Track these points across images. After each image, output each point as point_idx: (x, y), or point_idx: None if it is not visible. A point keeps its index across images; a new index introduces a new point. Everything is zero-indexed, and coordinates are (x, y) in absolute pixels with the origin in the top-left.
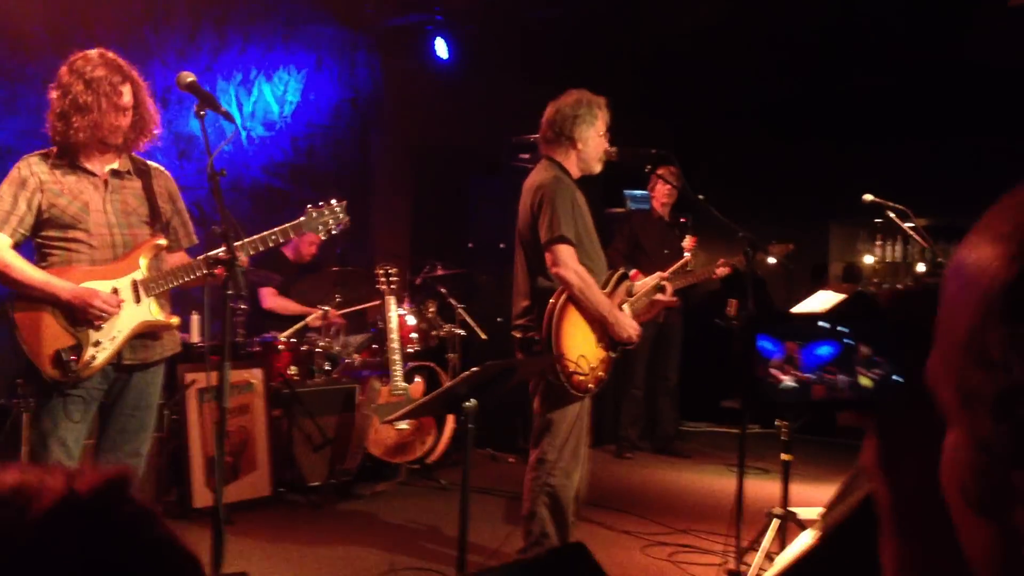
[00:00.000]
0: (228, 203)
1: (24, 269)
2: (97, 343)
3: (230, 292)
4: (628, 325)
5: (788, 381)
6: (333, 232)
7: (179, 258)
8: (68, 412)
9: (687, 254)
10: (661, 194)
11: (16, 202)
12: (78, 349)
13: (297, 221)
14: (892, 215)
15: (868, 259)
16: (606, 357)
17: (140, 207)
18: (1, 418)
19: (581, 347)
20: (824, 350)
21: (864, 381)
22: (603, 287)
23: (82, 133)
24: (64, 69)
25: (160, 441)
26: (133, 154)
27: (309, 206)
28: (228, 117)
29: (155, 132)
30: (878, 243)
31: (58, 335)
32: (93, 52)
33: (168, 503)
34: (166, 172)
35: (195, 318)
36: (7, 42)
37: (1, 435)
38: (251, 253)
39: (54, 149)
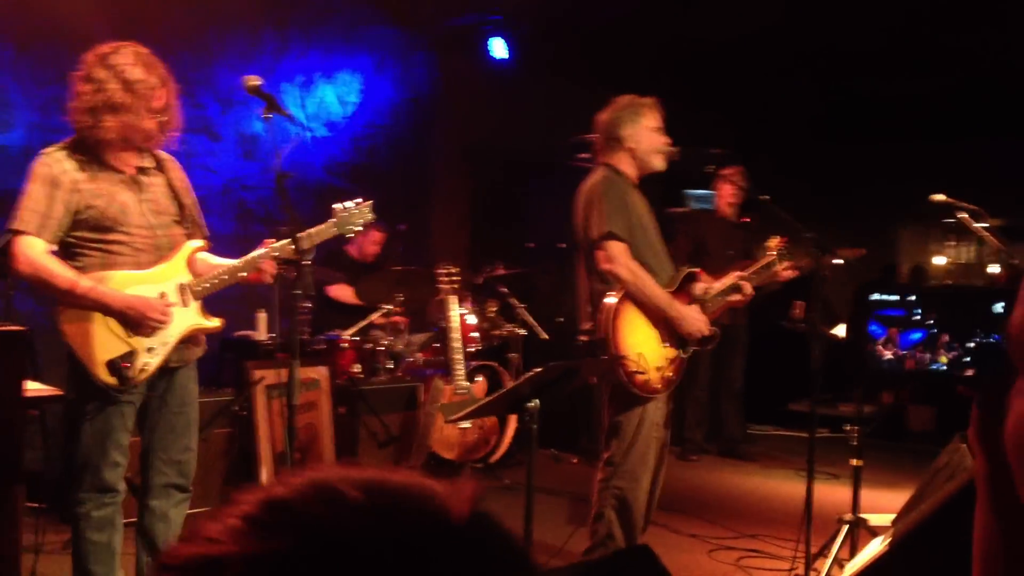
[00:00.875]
0: (292, 202)
1: (67, 276)
2: (150, 349)
3: (298, 292)
4: (696, 319)
5: (888, 356)
6: (358, 230)
7: (204, 259)
8: (123, 417)
9: (772, 253)
10: (727, 194)
11: (52, 204)
12: (132, 356)
13: (330, 221)
14: (963, 215)
15: (939, 260)
16: (675, 356)
17: (170, 206)
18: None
19: (641, 346)
20: (916, 335)
21: (942, 359)
22: (667, 286)
23: (112, 133)
24: (94, 60)
25: (229, 437)
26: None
27: (335, 205)
28: (292, 120)
29: (177, 132)
30: (950, 244)
31: (111, 343)
32: (127, 47)
33: None
34: (176, 162)
35: (261, 316)
36: (75, 47)
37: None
38: (303, 252)
39: (72, 140)
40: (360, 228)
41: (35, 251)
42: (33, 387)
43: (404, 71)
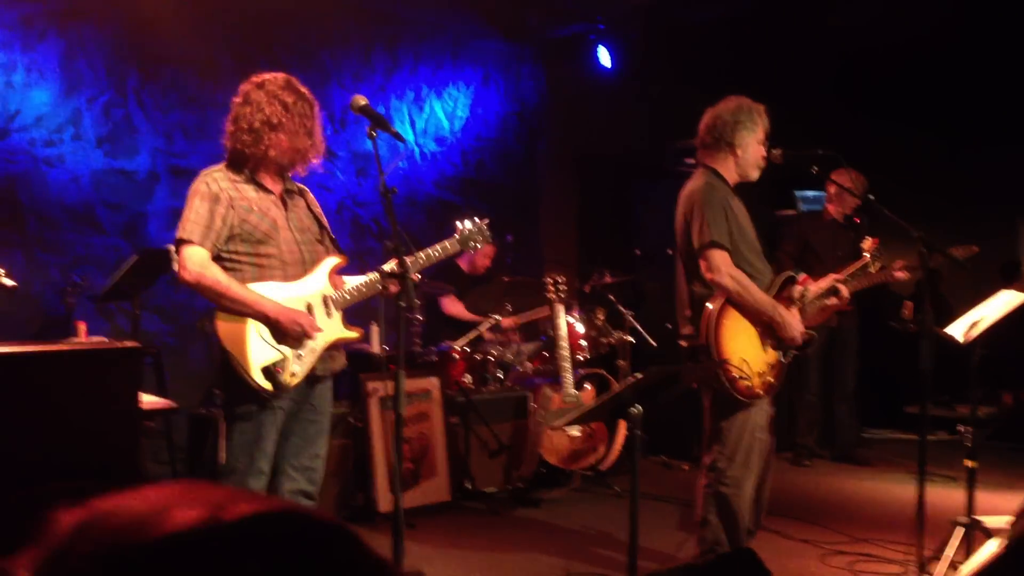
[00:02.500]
0: (403, 217)
1: (232, 285)
2: (299, 356)
3: (403, 305)
4: (796, 324)
5: None
6: (478, 247)
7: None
8: (274, 424)
9: (866, 254)
10: (833, 195)
11: (213, 217)
12: (284, 362)
13: (453, 239)
14: None
15: None
16: (776, 362)
17: (311, 225)
18: (201, 427)
19: (743, 351)
20: None
21: None
22: (766, 290)
23: (273, 150)
24: (251, 87)
25: (345, 448)
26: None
27: (458, 223)
28: (399, 137)
29: (318, 160)
30: None
31: (264, 348)
32: (279, 76)
33: (354, 508)
34: (310, 191)
35: (374, 329)
36: (197, 71)
37: (205, 445)
38: (421, 266)
39: (227, 163)
40: (480, 245)
41: (200, 257)
42: (148, 399)
43: (510, 84)
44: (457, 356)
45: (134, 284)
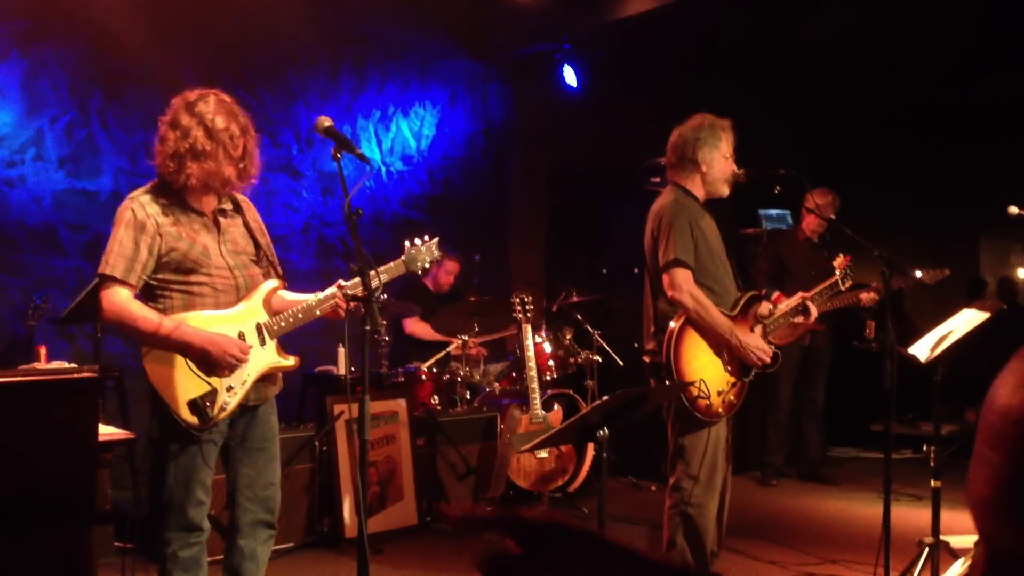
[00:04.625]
0: (369, 237)
1: (151, 319)
2: (229, 388)
3: (367, 328)
4: (755, 347)
5: None
6: (426, 267)
7: (281, 296)
8: (205, 456)
9: (837, 272)
10: (806, 215)
11: (138, 248)
12: (213, 395)
13: (399, 260)
14: None
15: (1022, 272)
16: (736, 382)
17: (247, 246)
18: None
19: (703, 370)
20: None
21: None
22: (730, 309)
23: (194, 179)
24: (180, 107)
25: (311, 472)
26: None
27: (406, 242)
28: (364, 159)
29: (254, 180)
30: None
31: (192, 382)
32: (211, 95)
33: (320, 533)
34: (250, 203)
35: (341, 351)
36: (161, 90)
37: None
38: (371, 289)
39: (156, 184)
40: (428, 265)
41: (120, 298)
42: (107, 430)
43: (477, 102)
44: (425, 377)
45: (96, 306)
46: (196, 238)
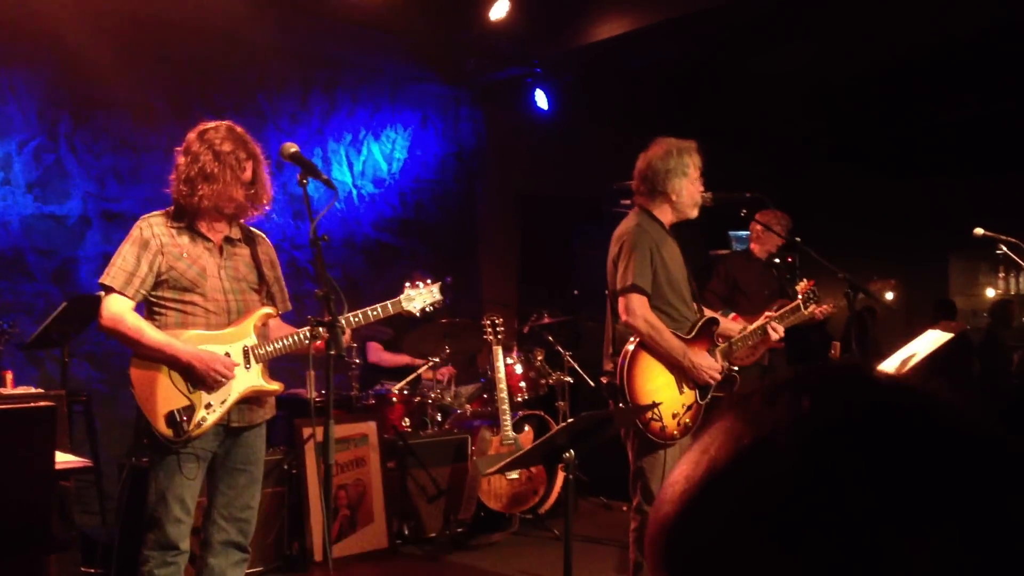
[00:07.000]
0: (341, 260)
1: (145, 330)
2: (208, 405)
3: (332, 353)
4: (706, 367)
5: None
6: (427, 311)
7: (278, 324)
8: (183, 469)
9: (800, 296)
10: (758, 236)
11: (139, 263)
12: (191, 410)
13: (396, 299)
14: (1005, 248)
15: (990, 292)
16: (693, 403)
17: (249, 274)
18: (133, 477)
19: (657, 392)
20: None
21: None
22: (687, 334)
23: (205, 200)
24: (194, 136)
25: (280, 495)
26: (242, 222)
27: (407, 284)
28: (330, 184)
29: (267, 206)
30: (1000, 276)
31: (173, 395)
32: (222, 124)
33: (288, 557)
34: (267, 239)
35: (310, 374)
36: (131, 114)
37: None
38: (353, 325)
39: (171, 209)
40: (429, 308)
41: (117, 306)
42: (63, 458)
43: (449, 125)
44: (395, 399)
45: (63, 331)
46: (197, 260)
